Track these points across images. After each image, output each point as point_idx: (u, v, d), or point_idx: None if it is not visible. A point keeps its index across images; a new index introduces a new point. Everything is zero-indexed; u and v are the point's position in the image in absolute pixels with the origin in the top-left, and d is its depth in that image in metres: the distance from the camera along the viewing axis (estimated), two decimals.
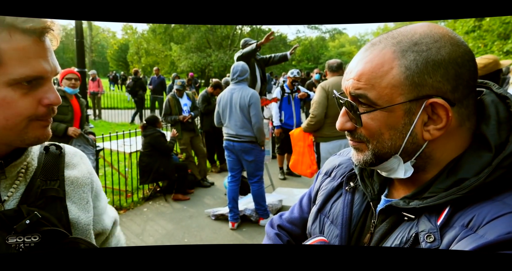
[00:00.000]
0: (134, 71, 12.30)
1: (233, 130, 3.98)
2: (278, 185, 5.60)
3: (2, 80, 0.67)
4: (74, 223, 0.83)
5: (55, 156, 0.88)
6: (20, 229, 0.71)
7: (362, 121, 0.69)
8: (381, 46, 0.68)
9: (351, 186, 0.85)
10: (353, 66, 0.70)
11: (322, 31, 28.72)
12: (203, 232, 4.09)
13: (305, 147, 4.14)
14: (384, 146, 0.69)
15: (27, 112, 0.70)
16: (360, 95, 0.68)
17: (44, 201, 0.79)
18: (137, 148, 5.20)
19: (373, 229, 0.76)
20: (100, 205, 0.96)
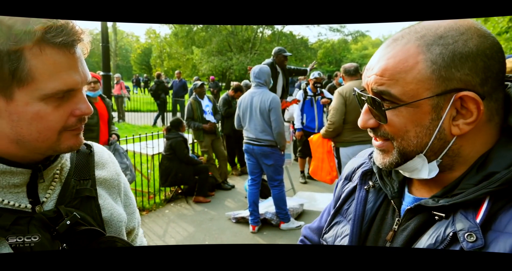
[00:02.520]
0: (157, 75, 12.53)
1: (253, 134, 3.97)
2: (299, 189, 5.55)
3: (35, 95, 0.67)
4: (107, 221, 0.85)
5: (85, 155, 0.89)
6: (62, 230, 0.73)
7: (386, 117, 0.67)
8: (404, 41, 0.66)
9: (369, 184, 0.84)
10: (375, 62, 0.69)
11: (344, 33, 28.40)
12: (223, 235, 4.10)
13: (325, 153, 4.09)
14: (409, 144, 0.67)
15: (58, 125, 0.71)
16: (383, 91, 0.66)
17: (79, 201, 0.81)
18: (159, 150, 5.27)
19: (397, 227, 0.75)
20: (131, 203, 0.99)
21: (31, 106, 0.68)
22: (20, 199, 0.74)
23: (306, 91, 5.65)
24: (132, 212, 0.98)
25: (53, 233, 0.73)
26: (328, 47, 29.30)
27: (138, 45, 35.61)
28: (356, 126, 4.20)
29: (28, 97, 0.67)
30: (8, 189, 0.73)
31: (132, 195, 1.02)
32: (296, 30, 40.58)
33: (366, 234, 0.81)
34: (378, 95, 0.68)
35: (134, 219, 0.99)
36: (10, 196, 0.73)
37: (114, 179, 0.93)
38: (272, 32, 27.11)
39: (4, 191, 0.72)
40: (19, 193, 0.74)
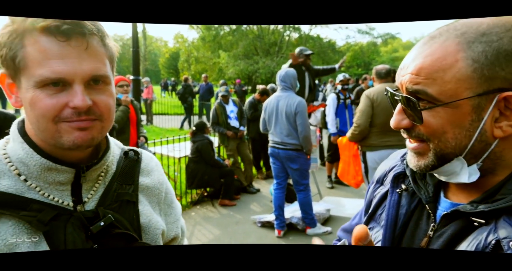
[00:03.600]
0: (184, 78, 12.72)
1: (278, 138, 3.95)
2: (326, 194, 5.47)
3: (30, 82, 0.69)
4: (145, 227, 0.86)
5: (132, 161, 0.91)
6: (96, 231, 0.75)
7: (422, 118, 0.64)
8: (442, 39, 0.64)
9: (402, 188, 0.81)
10: (410, 61, 0.66)
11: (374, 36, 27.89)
12: (249, 239, 4.09)
13: (350, 157, 4.01)
14: (447, 146, 0.64)
15: (51, 113, 0.70)
16: (419, 90, 0.64)
17: (119, 205, 0.83)
18: (186, 153, 5.34)
19: (433, 233, 0.71)
20: (174, 213, 0.99)
21: (29, 92, 0.70)
22: (64, 197, 0.77)
23: (338, 96, 5.55)
24: (174, 222, 0.98)
25: (88, 233, 0.75)
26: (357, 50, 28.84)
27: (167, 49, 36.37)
28: (384, 129, 4.09)
29: (27, 84, 0.70)
30: (54, 186, 0.76)
31: (176, 204, 1.02)
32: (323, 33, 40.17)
33: (399, 240, 0.78)
34: (413, 94, 0.65)
35: (177, 228, 0.99)
36: (56, 193, 0.76)
37: (156, 188, 0.93)
38: (299, 35, 27.04)
39: (51, 187, 0.76)
40: (64, 191, 0.77)
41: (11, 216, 0.70)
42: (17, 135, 0.77)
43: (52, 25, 0.68)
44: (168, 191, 0.99)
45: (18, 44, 0.69)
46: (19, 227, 0.71)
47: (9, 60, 0.70)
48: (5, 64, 0.71)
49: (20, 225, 0.71)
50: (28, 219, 0.71)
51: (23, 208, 0.71)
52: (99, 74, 0.73)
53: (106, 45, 0.75)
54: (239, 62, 24.48)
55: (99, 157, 0.82)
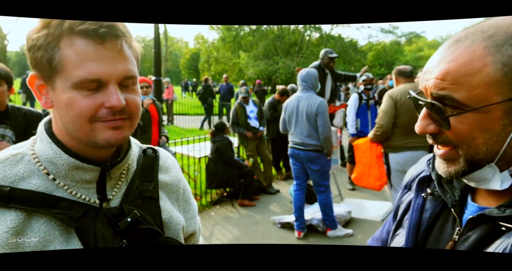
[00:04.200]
0: (204, 79, 12.82)
1: (299, 138, 3.92)
2: (347, 195, 5.40)
3: (67, 83, 0.71)
4: (167, 223, 0.88)
5: (151, 158, 0.94)
6: (123, 226, 0.78)
7: (450, 124, 0.62)
8: (468, 42, 0.61)
9: (427, 192, 0.79)
10: (434, 65, 0.64)
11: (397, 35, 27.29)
12: (269, 239, 4.07)
13: (373, 158, 3.91)
14: (477, 152, 0.62)
15: (87, 113, 0.72)
16: (445, 96, 0.62)
17: (141, 201, 0.85)
18: (206, 153, 5.37)
19: (458, 237, 0.70)
20: (191, 209, 1.02)
21: (65, 93, 0.72)
22: (90, 195, 0.79)
23: (361, 96, 5.46)
24: (192, 218, 1.01)
25: (115, 229, 0.78)
26: (379, 50, 28.35)
27: (187, 50, 36.79)
28: (407, 130, 3.98)
29: (63, 85, 0.72)
30: (81, 184, 0.78)
31: (193, 201, 1.05)
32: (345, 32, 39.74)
33: (423, 244, 0.76)
34: (438, 100, 0.63)
35: (195, 224, 1.01)
36: (82, 191, 0.79)
37: (175, 184, 0.96)
38: (320, 35, 26.81)
39: (78, 185, 0.78)
40: (90, 189, 0.80)
41: (43, 214, 0.73)
42: (45, 135, 0.79)
43: (90, 28, 0.70)
44: (185, 187, 1.01)
45: (55, 46, 0.71)
46: (51, 224, 0.73)
47: (45, 62, 0.71)
48: (40, 66, 0.73)
49: (52, 223, 0.74)
50: (60, 216, 0.73)
51: (53, 206, 0.74)
52: (130, 75, 0.76)
53: (132, 47, 0.78)
54: (259, 62, 24.50)
55: (122, 155, 0.84)
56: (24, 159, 0.77)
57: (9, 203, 0.71)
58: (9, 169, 0.75)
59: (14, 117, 2.17)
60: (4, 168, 0.74)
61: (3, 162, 0.75)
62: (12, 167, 0.75)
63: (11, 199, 0.71)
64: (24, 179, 0.74)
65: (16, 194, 0.72)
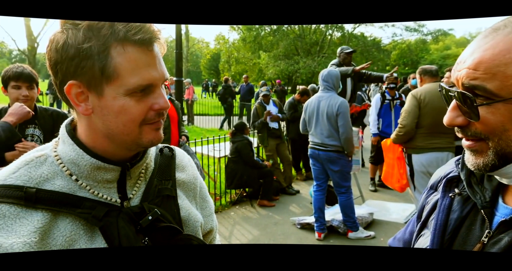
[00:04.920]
0: (224, 79, 12.90)
1: (319, 139, 3.87)
2: (369, 197, 5.31)
3: (120, 90, 0.73)
4: (185, 220, 0.90)
5: (168, 157, 0.95)
6: (145, 224, 0.80)
7: (479, 114, 0.60)
8: (506, 31, 0.59)
9: (455, 192, 0.77)
10: (468, 55, 0.63)
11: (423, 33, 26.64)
12: (289, 240, 4.05)
13: (395, 159, 3.84)
14: (509, 145, 0.60)
15: (139, 118, 0.76)
16: (477, 86, 0.59)
17: (160, 199, 0.87)
18: (226, 153, 5.39)
19: (487, 240, 0.68)
20: (208, 206, 1.03)
21: (117, 100, 0.74)
22: (111, 194, 0.81)
23: (384, 95, 5.36)
24: (209, 215, 1.02)
25: (137, 227, 0.79)
26: (404, 48, 27.75)
27: (208, 50, 37.14)
28: (431, 131, 3.88)
29: (115, 92, 0.73)
30: (102, 184, 0.80)
31: (209, 199, 1.06)
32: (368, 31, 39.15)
33: (449, 245, 0.74)
34: (470, 90, 0.61)
35: (212, 221, 1.03)
36: (104, 191, 0.80)
37: (192, 182, 0.98)
38: (342, 34, 26.52)
39: (99, 185, 0.80)
40: (111, 188, 0.81)
41: (68, 213, 0.75)
42: (67, 137, 0.81)
43: (144, 37, 0.73)
44: (202, 185, 1.03)
45: (107, 55, 0.72)
46: (76, 224, 0.75)
47: (97, 70, 0.72)
48: (88, 74, 0.73)
49: (77, 222, 0.75)
50: (84, 216, 0.75)
51: (77, 206, 0.75)
52: (167, 77, 0.80)
53: None
54: (279, 62, 24.47)
55: (141, 154, 0.86)
56: (48, 160, 0.79)
57: (35, 204, 0.72)
58: (34, 171, 0.76)
59: (42, 118, 2.25)
60: (29, 170, 0.76)
61: (28, 164, 0.77)
62: (37, 169, 0.77)
63: (37, 200, 0.73)
64: (48, 180, 0.76)
65: (42, 195, 0.73)
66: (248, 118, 10.88)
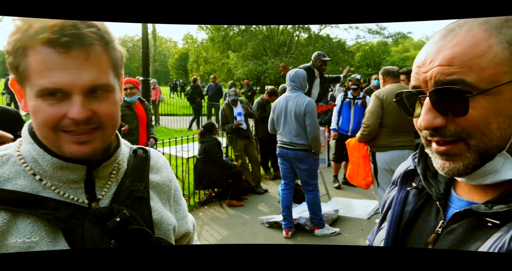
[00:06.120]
0: (192, 79, 12.76)
1: (287, 138, 3.94)
2: (335, 194, 5.44)
3: (32, 91, 0.71)
4: (157, 223, 0.88)
5: (142, 158, 0.93)
6: (112, 226, 0.77)
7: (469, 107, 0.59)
8: (465, 28, 0.61)
9: (411, 186, 0.79)
10: (432, 55, 0.62)
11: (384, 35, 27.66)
12: (257, 239, 4.08)
13: (360, 158, 3.97)
14: (492, 139, 0.59)
15: (51, 122, 0.71)
16: (456, 80, 0.59)
17: (132, 201, 0.84)
18: (194, 153, 5.35)
19: (441, 230, 0.70)
20: (181, 209, 1.01)
21: (31, 101, 0.72)
22: (78, 195, 0.79)
23: (346, 93, 5.58)
24: (182, 218, 1.00)
25: (104, 229, 0.77)
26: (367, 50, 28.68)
27: (176, 50, 36.57)
28: (394, 130, 4.03)
29: (30, 92, 0.72)
30: (69, 184, 0.78)
31: (183, 201, 1.05)
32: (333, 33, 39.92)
33: (405, 236, 0.77)
34: (448, 85, 0.60)
35: (186, 224, 1.01)
36: (70, 191, 0.78)
37: (166, 184, 0.96)
38: (308, 35, 26.94)
39: (65, 186, 0.78)
40: (78, 189, 0.79)
41: (29, 214, 0.72)
42: (28, 136, 0.79)
43: (52, 38, 0.68)
44: (176, 188, 1.01)
45: (22, 53, 0.70)
46: (37, 225, 0.73)
47: (14, 68, 0.72)
48: (12, 71, 0.73)
49: (38, 223, 0.73)
50: (46, 217, 0.73)
51: (40, 207, 0.73)
52: (99, 84, 0.73)
53: (110, 52, 0.75)
54: (248, 62, 24.51)
55: (110, 153, 0.83)
56: (10, 160, 0.77)
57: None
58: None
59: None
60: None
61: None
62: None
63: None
64: (9, 180, 0.74)
65: (1, 195, 0.71)
66: (216, 118, 10.82)
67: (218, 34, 27.24)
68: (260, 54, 25.49)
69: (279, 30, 26.24)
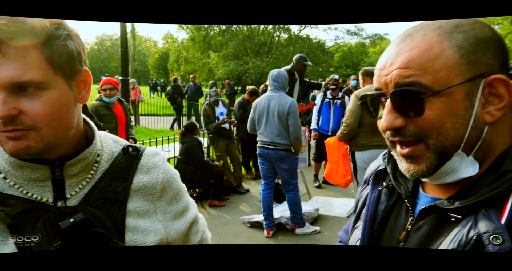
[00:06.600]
0: (173, 79, 12.66)
1: (268, 138, 3.96)
2: (315, 193, 5.51)
3: None
4: (132, 227, 0.83)
5: (131, 158, 0.88)
6: (64, 227, 0.73)
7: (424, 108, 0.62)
8: (421, 33, 0.65)
9: (383, 185, 0.82)
10: (392, 58, 0.66)
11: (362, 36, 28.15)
12: (238, 239, 4.09)
13: (340, 156, 4.04)
14: (447, 138, 0.63)
15: None
16: (413, 82, 0.62)
17: (102, 202, 0.80)
18: (175, 154, 5.32)
19: (411, 227, 0.73)
20: (173, 210, 0.94)
21: None
22: (45, 193, 0.77)
23: (325, 94, 5.66)
24: (172, 220, 0.93)
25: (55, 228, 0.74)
26: (345, 51, 29.10)
27: (156, 50, 36.11)
28: (372, 129, 4.13)
29: None
30: (34, 182, 0.76)
31: (180, 202, 0.97)
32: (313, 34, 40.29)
33: (379, 235, 0.79)
34: (406, 87, 0.64)
35: (181, 225, 0.95)
36: (36, 189, 0.76)
37: (153, 186, 0.89)
38: (289, 35, 27.10)
39: (31, 184, 0.76)
40: (45, 187, 0.77)
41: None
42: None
43: None
44: (170, 188, 0.94)
45: None
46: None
47: None
48: None
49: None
50: None
51: (1, 204, 0.72)
52: (23, 80, 0.68)
53: (45, 47, 0.70)
54: (229, 62, 24.46)
55: (75, 152, 0.80)
56: None
57: None
58: None
59: None
60: None
61: None
62: None
63: None
64: None
65: None
66: (197, 118, 10.76)
67: (198, 34, 27.06)
68: (241, 54, 25.47)
69: (260, 30, 26.31)
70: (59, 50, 0.72)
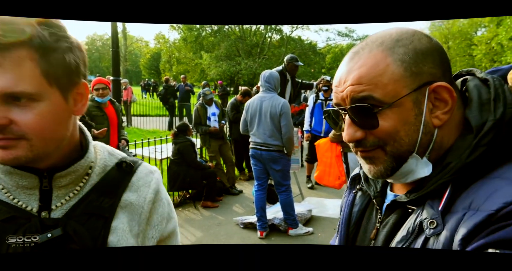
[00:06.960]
0: (165, 79, 12.60)
1: (261, 139, 3.96)
2: (308, 194, 5.52)
3: None
4: (114, 245, 0.81)
5: (122, 174, 0.86)
6: (40, 241, 0.73)
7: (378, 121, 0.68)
8: (366, 51, 0.70)
9: (357, 188, 0.88)
10: (344, 76, 0.71)
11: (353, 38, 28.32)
12: (231, 240, 4.08)
13: (333, 158, 4.05)
14: (402, 144, 0.69)
15: None
16: (366, 96, 0.68)
17: (87, 218, 0.78)
18: (168, 154, 5.29)
19: (379, 225, 0.78)
20: (154, 235, 0.90)
21: None
22: (30, 202, 0.77)
23: (318, 95, 5.67)
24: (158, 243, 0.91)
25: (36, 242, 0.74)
26: (337, 52, 29.26)
27: (148, 50, 35.88)
28: None
29: None
30: (22, 189, 0.76)
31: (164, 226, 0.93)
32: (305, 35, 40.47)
33: (355, 236, 0.85)
34: (361, 102, 0.69)
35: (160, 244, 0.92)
36: (23, 197, 0.76)
37: (140, 205, 0.86)
38: (281, 37, 27.17)
39: (19, 191, 0.76)
40: (31, 195, 0.77)
41: None
42: None
43: None
44: (156, 211, 0.90)
45: None
46: None
47: None
48: None
49: None
50: None
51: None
52: (15, 91, 0.67)
53: (42, 58, 0.69)
54: (221, 63, 24.42)
55: (66, 164, 0.78)
56: None
57: None
58: None
59: None
60: None
61: None
62: None
63: None
64: None
65: None
66: (189, 118, 10.71)
67: (190, 34, 26.98)
68: (233, 55, 25.45)
69: (252, 31, 26.35)
70: (56, 63, 0.71)
